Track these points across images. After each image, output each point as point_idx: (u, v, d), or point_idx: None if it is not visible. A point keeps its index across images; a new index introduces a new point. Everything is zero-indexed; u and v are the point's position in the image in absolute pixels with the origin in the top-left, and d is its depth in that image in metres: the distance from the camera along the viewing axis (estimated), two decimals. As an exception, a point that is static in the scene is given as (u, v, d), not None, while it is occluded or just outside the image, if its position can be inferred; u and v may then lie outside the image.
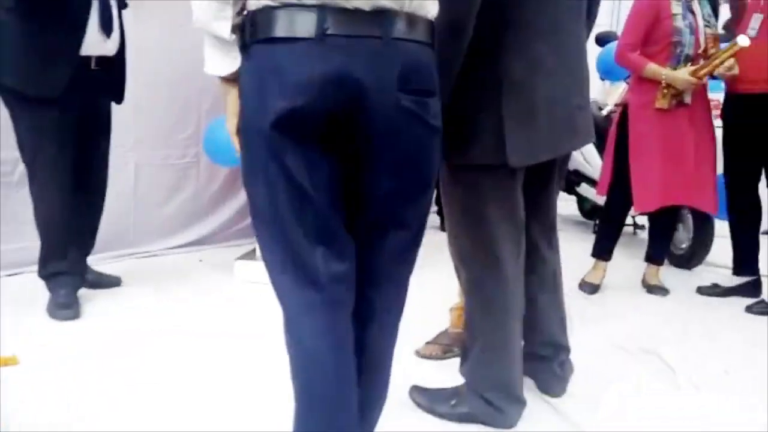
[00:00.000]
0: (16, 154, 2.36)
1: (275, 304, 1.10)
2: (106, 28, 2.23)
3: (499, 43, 1.37)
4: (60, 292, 2.31)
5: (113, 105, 2.47)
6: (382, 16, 0.93)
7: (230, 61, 1.00)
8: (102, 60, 2.27)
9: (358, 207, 1.05)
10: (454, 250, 1.56)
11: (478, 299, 1.53)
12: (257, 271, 2.67)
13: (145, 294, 2.56)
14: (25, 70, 2.12)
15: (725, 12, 3.37)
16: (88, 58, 2.22)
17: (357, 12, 0.91)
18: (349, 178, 1.02)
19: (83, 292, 2.45)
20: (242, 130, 0.99)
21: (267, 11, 0.92)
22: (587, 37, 1.66)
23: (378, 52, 0.93)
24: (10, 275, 2.61)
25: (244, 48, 0.97)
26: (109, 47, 2.28)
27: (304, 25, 0.90)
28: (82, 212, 2.45)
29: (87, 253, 2.54)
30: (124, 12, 2.38)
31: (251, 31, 0.95)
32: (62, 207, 2.29)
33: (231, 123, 1.04)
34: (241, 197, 3.54)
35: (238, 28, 0.97)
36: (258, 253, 2.78)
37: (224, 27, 0.97)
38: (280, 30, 0.92)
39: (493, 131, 1.39)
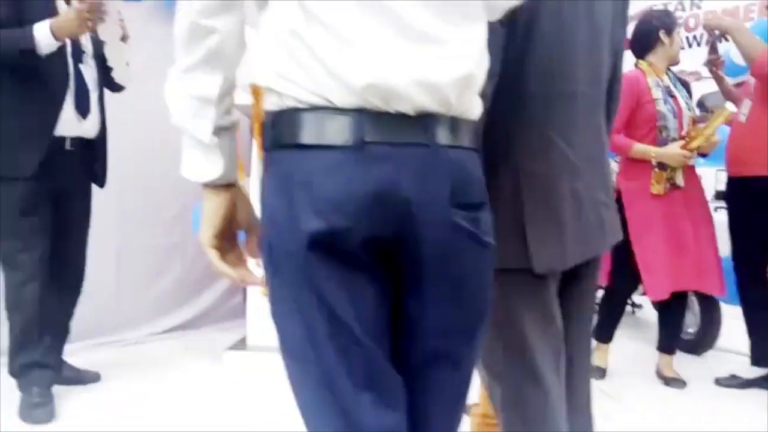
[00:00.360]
0: None
1: (268, 400, 0.94)
2: (82, 108, 2.17)
3: (514, 140, 1.29)
4: (32, 390, 2.12)
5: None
6: (426, 120, 0.81)
7: (211, 166, 0.86)
8: (79, 141, 2.20)
9: (402, 341, 0.89)
10: (487, 363, 1.43)
11: (516, 418, 1.38)
12: (248, 362, 2.58)
13: (127, 390, 2.37)
14: (3, 151, 2.04)
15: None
16: (62, 139, 2.15)
17: (399, 116, 0.79)
18: (394, 308, 0.88)
19: (59, 389, 2.25)
20: (266, 251, 0.84)
21: (291, 114, 0.79)
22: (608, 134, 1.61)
23: (426, 163, 0.81)
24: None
25: (265, 152, 0.84)
26: (86, 129, 2.21)
27: (338, 131, 0.77)
28: (58, 300, 2.31)
29: (62, 343, 2.37)
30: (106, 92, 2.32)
31: (273, 135, 0.82)
32: (35, 292, 2.14)
33: (206, 234, 0.89)
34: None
35: (223, 130, 0.85)
36: (249, 341, 2.64)
37: (204, 127, 0.84)
38: (309, 136, 0.79)
39: (516, 234, 1.29)
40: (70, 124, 2.15)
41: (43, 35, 1.96)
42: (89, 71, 2.22)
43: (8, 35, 1.97)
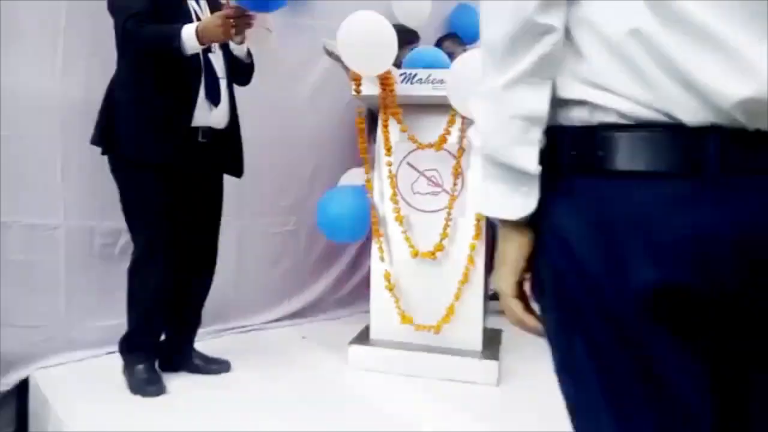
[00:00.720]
0: (119, 225, 2.28)
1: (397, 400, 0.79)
2: (213, 97, 2.15)
3: None
4: (137, 368, 2.16)
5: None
6: None
7: (525, 200, 0.69)
8: (210, 131, 2.17)
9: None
10: None
11: None
12: (372, 358, 2.52)
13: (249, 380, 2.34)
14: (141, 139, 2.05)
15: None
16: (196, 130, 2.13)
17: (759, 134, 0.59)
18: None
19: (186, 376, 2.28)
20: (556, 302, 0.69)
21: (608, 131, 0.62)
22: None
23: None
24: (109, 353, 2.44)
25: (552, 175, 0.68)
26: (216, 118, 2.18)
27: (683, 155, 0.60)
28: (189, 289, 2.32)
29: (192, 332, 2.39)
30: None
31: (575, 157, 0.66)
32: (160, 278, 2.16)
33: (509, 281, 0.73)
34: (341, 263, 3.37)
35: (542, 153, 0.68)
36: (371, 335, 2.56)
37: (529, 155, 0.67)
38: (639, 160, 0.61)
39: None
40: (202, 114, 2.13)
41: (189, 37, 1.95)
42: (218, 60, 2.19)
43: (158, 31, 1.98)
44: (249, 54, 2.26)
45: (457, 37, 3.48)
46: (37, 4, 2.26)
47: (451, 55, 2.92)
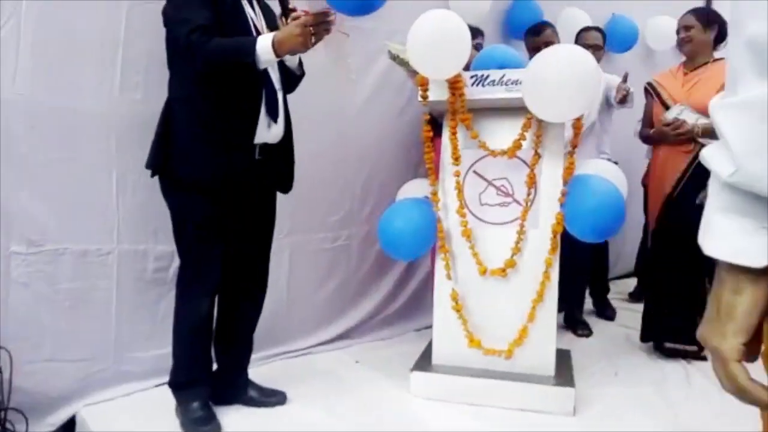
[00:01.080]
0: (172, 248, 2.12)
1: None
2: (272, 113, 1.97)
3: None
4: (191, 405, 1.99)
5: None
6: None
7: None
8: (266, 148, 2.01)
9: None
10: None
11: None
12: (437, 386, 2.31)
13: (307, 412, 2.16)
14: (199, 159, 1.88)
15: None
16: (253, 147, 1.97)
17: None
18: None
19: (241, 409, 2.10)
20: None
21: None
22: None
23: None
24: (158, 385, 2.27)
25: None
26: (274, 134, 2.01)
27: None
28: (240, 313, 2.16)
29: (245, 359, 2.22)
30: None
31: None
32: (205, 307, 2.00)
33: (731, 342, 0.58)
34: (389, 280, 3.19)
35: None
36: (434, 360, 2.35)
37: None
38: None
39: None
40: (261, 130, 1.96)
41: (265, 50, 1.77)
42: (274, 72, 2.02)
43: (229, 45, 1.81)
44: (300, 64, 2.10)
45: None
46: (96, 15, 2.11)
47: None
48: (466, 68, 2.15)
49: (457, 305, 2.26)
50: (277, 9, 1.99)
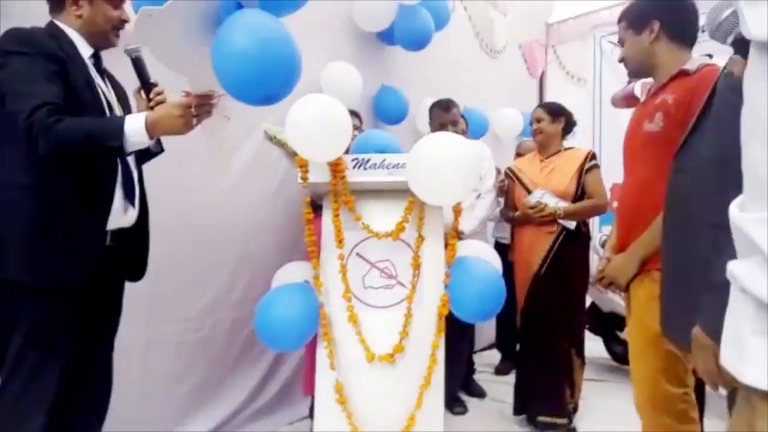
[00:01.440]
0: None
1: None
2: (130, 196, 1.76)
3: None
4: None
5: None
6: None
7: None
8: (119, 233, 1.77)
9: None
10: None
11: None
12: None
13: None
14: (42, 259, 1.57)
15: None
16: (105, 235, 1.72)
17: None
18: None
19: None
20: None
21: None
22: None
23: None
24: None
25: None
26: (130, 218, 1.79)
27: None
28: (83, 419, 1.81)
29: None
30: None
31: None
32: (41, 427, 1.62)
33: None
34: (257, 370, 2.94)
35: None
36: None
37: None
38: None
39: None
40: (115, 217, 1.72)
41: (136, 132, 1.55)
42: None
43: (87, 127, 1.54)
44: (158, 141, 1.91)
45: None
46: None
47: None
48: (346, 151, 2.12)
49: (341, 397, 2.10)
50: (126, 81, 1.79)
